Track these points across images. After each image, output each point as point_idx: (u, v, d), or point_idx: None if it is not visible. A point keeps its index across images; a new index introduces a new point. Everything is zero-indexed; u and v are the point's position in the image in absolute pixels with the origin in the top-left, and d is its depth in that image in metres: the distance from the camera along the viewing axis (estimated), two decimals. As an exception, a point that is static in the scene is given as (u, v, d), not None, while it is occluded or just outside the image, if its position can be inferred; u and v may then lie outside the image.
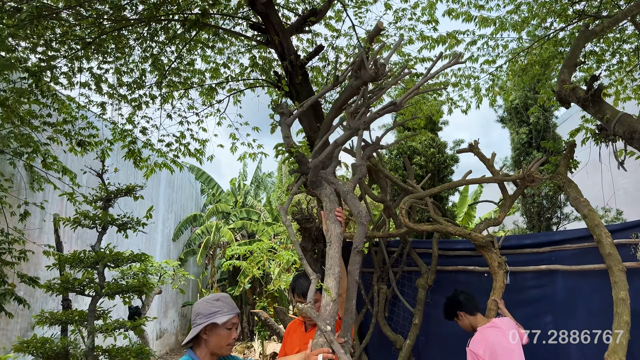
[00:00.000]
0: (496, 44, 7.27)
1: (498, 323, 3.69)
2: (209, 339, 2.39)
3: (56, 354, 3.70)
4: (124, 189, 4.21)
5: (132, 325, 3.98)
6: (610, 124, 4.28)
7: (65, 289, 4.00)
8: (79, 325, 3.92)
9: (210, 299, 2.47)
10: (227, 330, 2.42)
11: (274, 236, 18.12)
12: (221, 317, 2.40)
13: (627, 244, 3.99)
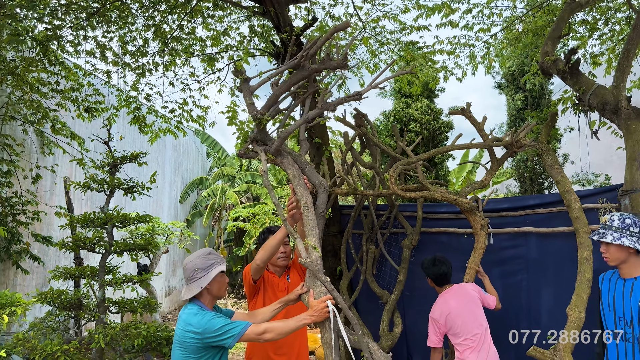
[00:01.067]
0: (491, 12, 7.40)
1: (456, 288, 4.02)
2: (212, 287, 2.77)
3: (71, 304, 4.11)
4: (129, 155, 4.53)
5: (139, 279, 4.37)
6: (586, 96, 4.52)
7: (78, 247, 4.37)
8: (90, 279, 4.31)
9: (202, 254, 2.82)
10: (224, 276, 2.80)
11: (278, 199, 18.56)
12: (220, 266, 2.78)
13: (595, 208, 4.30)
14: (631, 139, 4.10)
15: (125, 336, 3.85)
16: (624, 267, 3.08)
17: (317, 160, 5.49)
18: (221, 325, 2.62)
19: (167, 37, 7.27)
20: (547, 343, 4.48)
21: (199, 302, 2.77)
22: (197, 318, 2.66)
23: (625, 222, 3.07)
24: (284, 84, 2.97)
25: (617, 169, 10.12)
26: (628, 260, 3.05)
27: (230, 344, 2.64)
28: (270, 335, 2.66)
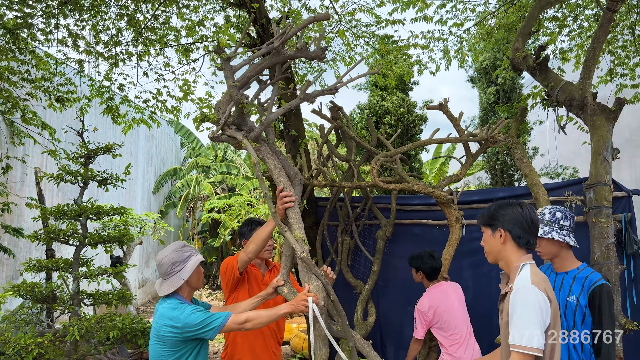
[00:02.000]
0: (464, 7, 7.52)
1: (446, 285, 4.15)
2: (191, 278, 2.79)
3: (44, 296, 4.08)
4: (103, 147, 4.49)
5: (114, 271, 4.36)
6: (554, 92, 4.66)
7: (51, 239, 4.33)
8: (64, 271, 4.27)
9: (178, 247, 2.83)
10: (199, 267, 2.83)
11: (253, 190, 18.51)
12: (197, 256, 2.81)
13: (561, 201, 4.45)
14: (596, 134, 4.26)
15: (100, 328, 3.85)
16: (556, 261, 3.01)
17: (294, 152, 5.53)
18: (202, 319, 2.63)
19: (140, 26, 7.18)
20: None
21: (178, 296, 2.78)
22: (176, 312, 2.66)
23: (555, 216, 2.99)
24: (257, 66, 2.96)
25: (584, 161, 10.42)
26: (559, 254, 2.98)
27: (212, 336, 2.66)
28: (251, 324, 2.69)
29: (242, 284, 3.45)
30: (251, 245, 3.19)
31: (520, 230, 2.33)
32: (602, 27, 4.27)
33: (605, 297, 2.78)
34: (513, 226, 2.35)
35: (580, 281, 2.87)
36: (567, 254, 2.98)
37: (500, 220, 2.40)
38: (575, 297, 2.85)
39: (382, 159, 4.34)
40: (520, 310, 2.12)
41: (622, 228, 4.07)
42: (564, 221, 2.97)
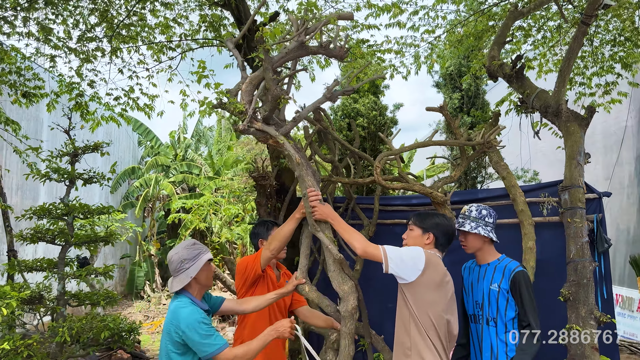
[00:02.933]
0: (436, 15, 7.78)
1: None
2: (200, 276, 2.81)
3: (30, 298, 3.96)
4: (92, 145, 4.41)
5: (103, 271, 4.28)
6: (530, 99, 4.92)
7: (39, 239, 4.21)
8: (51, 272, 4.16)
9: (187, 245, 2.86)
10: (210, 265, 2.86)
11: (215, 190, 18.34)
12: (206, 254, 2.83)
13: (537, 202, 4.71)
14: (570, 140, 4.53)
15: (91, 329, 3.78)
16: (479, 254, 3.29)
17: (277, 153, 5.58)
18: (200, 337, 2.64)
19: (113, 22, 7.04)
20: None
21: (188, 294, 2.80)
22: (185, 312, 2.68)
23: (481, 213, 3.25)
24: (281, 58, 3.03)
25: (541, 165, 10.96)
26: (483, 248, 3.24)
27: (202, 358, 2.69)
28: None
29: (262, 281, 3.49)
30: (274, 243, 3.27)
31: (444, 238, 3.03)
32: (577, 40, 4.55)
33: (523, 282, 3.07)
34: (440, 234, 3.02)
35: (501, 270, 3.16)
36: (489, 248, 3.27)
37: (433, 228, 3.03)
38: (497, 284, 3.12)
39: (385, 158, 4.44)
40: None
41: (594, 228, 4.36)
42: (489, 218, 3.24)
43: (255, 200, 5.34)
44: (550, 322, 4.61)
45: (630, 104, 8.86)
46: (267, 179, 5.11)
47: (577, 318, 3.93)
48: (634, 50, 7.49)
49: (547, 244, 4.61)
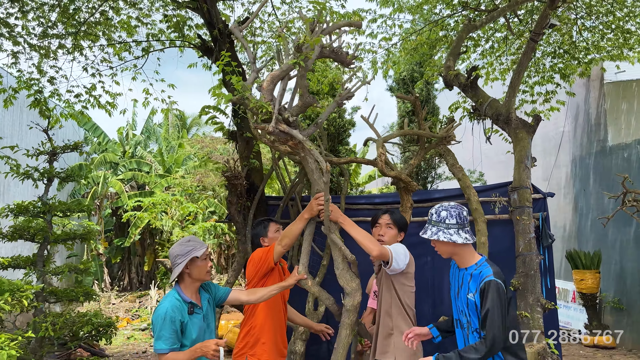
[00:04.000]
0: (393, 24, 8.19)
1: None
2: (191, 271, 3.02)
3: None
4: (72, 145, 4.46)
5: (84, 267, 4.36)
6: (483, 107, 5.38)
7: (20, 237, 4.22)
8: (31, 269, 4.20)
9: (182, 242, 3.08)
10: (204, 261, 3.07)
11: (166, 188, 18.14)
12: (197, 251, 3.03)
13: (489, 201, 5.17)
14: (519, 145, 5.02)
15: (74, 324, 3.86)
16: (456, 258, 3.02)
17: (247, 153, 5.78)
18: (156, 330, 2.91)
19: (75, 19, 7.00)
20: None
21: (178, 288, 3.05)
22: (162, 304, 2.96)
23: (440, 215, 2.93)
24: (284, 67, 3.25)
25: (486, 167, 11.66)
26: (456, 252, 2.95)
27: (155, 348, 2.92)
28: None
29: (273, 273, 3.73)
30: (285, 239, 3.54)
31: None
32: (526, 55, 5.04)
33: (489, 292, 2.70)
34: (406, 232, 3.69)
35: (476, 277, 2.85)
36: (464, 251, 2.94)
37: (404, 227, 3.70)
38: (472, 294, 2.83)
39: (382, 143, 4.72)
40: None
41: (540, 225, 4.86)
42: (450, 219, 2.89)
43: (227, 199, 5.53)
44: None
45: (567, 111, 9.63)
46: (239, 178, 5.31)
47: (525, 305, 4.39)
48: (572, 62, 8.17)
49: (497, 239, 5.06)
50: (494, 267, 2.84)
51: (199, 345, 2.91)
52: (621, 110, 8.91)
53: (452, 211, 2.93)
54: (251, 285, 3.73)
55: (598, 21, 7.79)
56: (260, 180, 5.90)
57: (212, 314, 3.18)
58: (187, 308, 2.97)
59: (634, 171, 8.33)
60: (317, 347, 5.74)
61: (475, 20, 6.37)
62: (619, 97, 8.88)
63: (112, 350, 8.68)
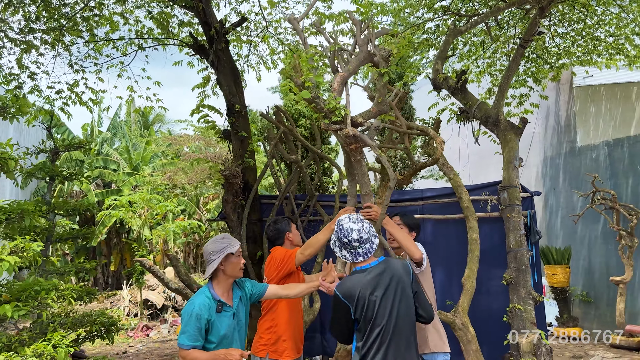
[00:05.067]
0: (376, 26, 8.36)
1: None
2: (226, 268, 3.09)
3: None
4: (75, 143, 4.40)
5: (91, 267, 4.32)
6: (472, 109, 5.60)
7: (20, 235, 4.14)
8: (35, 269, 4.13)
9: (217, 239, 3.14)
10: (238, 257, 3.13)
11: (134, 187, 17.82)
12: (232, 248, 3.10)
13: (479, 200, 5.40)
14: (507, 146, 5.26)
15: (82, 324, 3.83)
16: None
17: (242, 152, 5.83)
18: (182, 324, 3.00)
19: (57, 13, 6.85)
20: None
21: (210, 285, 3.10)
22: (193, 300, 3.04)
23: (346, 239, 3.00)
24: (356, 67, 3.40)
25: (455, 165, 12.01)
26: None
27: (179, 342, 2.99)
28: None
29: (293, 275, 3.81)
30: (309, 249, 3.61)
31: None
32: (515, 60, 5.29)
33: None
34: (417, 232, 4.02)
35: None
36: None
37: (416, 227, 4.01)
38: None
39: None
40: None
41: (528, 222, 5.11)
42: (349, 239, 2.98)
43: (223, 198, 5.57)
44: (490, 303, 5.34)
45: (538, 113, 10.05)
46: (237, 177, 5.36)
47: (518, 298, 4.63)
48: (544, 67, 8.55)
49: (488, 236, 5.30)
50: (350, 276, 3.01)
51: (223, 352, 2.97)
52: (590, 113, 9.38)
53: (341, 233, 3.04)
54: (271, 283, 3.81)
55: (570, 28, 8.17)
56: (254, 179, 5.96)
57: (244, 311, 3.23)
58: (215, 306, 3.02)
59: (602, 171, 8.80)
60: (309, 342, 5.86)
61: (457, 25, 6.60)
62: (588, 101, 9.35)
63: (90, 351, 8.53)
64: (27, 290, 3.23)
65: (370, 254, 3.01)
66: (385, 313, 2.90)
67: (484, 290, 5.28)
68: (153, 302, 12.04)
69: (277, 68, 8.36)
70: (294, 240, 4.09)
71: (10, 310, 2.97)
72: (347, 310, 2.93)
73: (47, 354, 2.80)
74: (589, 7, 7.23)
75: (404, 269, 3.04)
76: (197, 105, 5.71)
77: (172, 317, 11.74)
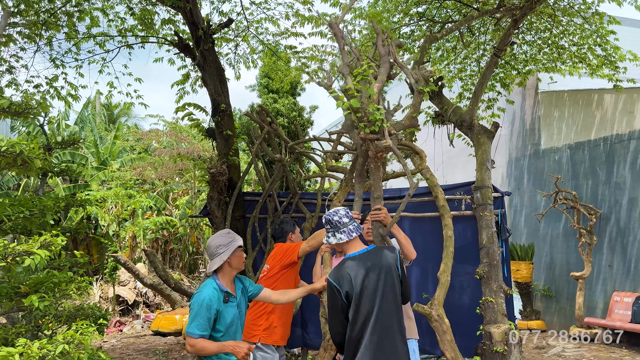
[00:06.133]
0: (354, 29, 8.61)
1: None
2: (232, 261, 3.27)
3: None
4: (70, 140, 4.45)
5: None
6: (447, 113, 5.91)
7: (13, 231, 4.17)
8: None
9: (223, 234, 3.34)
10: (241, 251, 3.32)
11: (103, 182, 17.58)
12: (238, 241, 3.29)
13: (454, 199, 5.71)
14: (481, 149, 5.58)
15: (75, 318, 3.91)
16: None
17: (226, 151, 5.97)
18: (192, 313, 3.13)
19: (35, 7, 6.82)
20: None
21: (216, 277, 3.28)
22: (202, 291, 3.18)
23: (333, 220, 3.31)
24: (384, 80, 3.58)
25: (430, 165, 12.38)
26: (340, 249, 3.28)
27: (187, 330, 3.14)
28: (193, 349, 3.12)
29: (293, 268, 4.02)
30: (313, 241, 3.85)
31: None
32: (489, 68, 5.61)
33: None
34: None
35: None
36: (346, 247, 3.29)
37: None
38: None
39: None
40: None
41: (499, 220, 5.45)
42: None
43: (208, 195, 5.71)
44: (464, 296, 5.67)
45: (505, 117, 10.50)
46: (224, 174, 5.51)
47: (490, 292, 4.95)
48: (511, 72, 8.97)
49: (462, 233, 5.61)
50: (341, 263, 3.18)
51: (232, 343, 3.15)
52: (553, 117, 9.88)
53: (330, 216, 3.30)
54: (271, 271, 4.03)
55: (537, 36, 8.61)
56: (238, 177, 6.12)
57: (244, 302, 3.42)
58: (222, 297, 3.20)
59: (564, 173, 9.30)
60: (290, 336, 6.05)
61: (432, 32, 6.90)
62: (552, 105, 9.85)
63: (64, 347, 8.49)
64: (46, 283, 3.31)
65: (354, 233, 3.20)
66: (371, 298, 3.04)
67: (458, 284, 5.60)
68: (124, 297, 12.00)
69: (256, 67, 8.50)
70: (295, 242, 4.32)
71: (36, 301, 3.07)
72: (339, 294, 3.08)
73: (77, 341, 2.90)
74: (555, 18, 7.65)
75: (392, 256, 3.21)
76: (184, 104, 5.82)
77: (143, 312, 11.74)
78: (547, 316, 9.60)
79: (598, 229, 8.60)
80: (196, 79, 7.63)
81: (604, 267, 8.65)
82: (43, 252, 3.03)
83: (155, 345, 8.57)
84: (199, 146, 14.28)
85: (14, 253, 3.04)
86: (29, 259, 2.96)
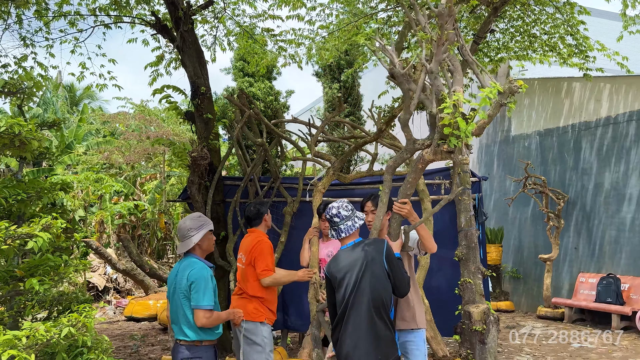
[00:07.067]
0: (330, 13, 8.60)
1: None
2: (203, 243, 3.32)
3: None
4: (50, 122, 4.31)
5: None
6: (427, 99, 5.99)
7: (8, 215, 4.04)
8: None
9: (194, 217, 3.37)
10: (210, 234, 3.39)
11: (68, 166, 17.12)
12: (209, 225, 3.33)
13: (432, 183, 5.83)
14: (460, 135, 5.69)
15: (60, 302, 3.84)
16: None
17: (206, 134, 5.92)
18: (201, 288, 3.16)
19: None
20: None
21: (195, 256, 3.32)
22: (198, 266, 3.22)
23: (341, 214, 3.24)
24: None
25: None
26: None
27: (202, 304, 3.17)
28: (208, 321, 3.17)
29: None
30: (276, 283, 4.06)
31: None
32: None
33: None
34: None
35: None
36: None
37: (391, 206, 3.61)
38: None
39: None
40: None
41: (476, 204, 5.60)
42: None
43: (189, 179, 5.65)
44: (440, 278, 5.83)
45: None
46: (206, 159, 5.46)
47: (468, 273, 5.10)
48: (484, 60, 9.13)
49: (440, 217, 5.75)
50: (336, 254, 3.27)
51: (231, 311, 3.43)
52: (524, 105, 10.13)
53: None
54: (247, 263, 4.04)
55: (509, 24, 8.77)
56: (219, 161, 6.08)
57: None
58: (212, 272, 3.33)
59: (533, 158, 9.58)
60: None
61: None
62: (522, 93, 10.08)
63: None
64: (42, 266, 3.24)
65: (352, 230, 3.20)
66: (348, 289, 3.06)
67: (437, 266, 5.75)
68: (95, 284, 11.80)
69: (232, 50, 8.40)
70: (268, 222, 4.30)
71: (37, 284, 3.00)
72: (330, 285, 3.21)
73: (81, 323, 2.86)
74: (528, 7, 7.81)
75: (377, 248, 3.14)
76: (163, 86, 5.72)
77: (114, 298, 11.58)
78: (515, 297, 9.94)
79: (565, 213, 8.92)
80: (170, 60, 7.48)
81: (570, 249, 9.00)
82: (45, 234, 2.97)
83: (129, 331, 8.49)
84: (169, 130, 14.03)
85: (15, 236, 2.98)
86: (32, 241, 2.91)
